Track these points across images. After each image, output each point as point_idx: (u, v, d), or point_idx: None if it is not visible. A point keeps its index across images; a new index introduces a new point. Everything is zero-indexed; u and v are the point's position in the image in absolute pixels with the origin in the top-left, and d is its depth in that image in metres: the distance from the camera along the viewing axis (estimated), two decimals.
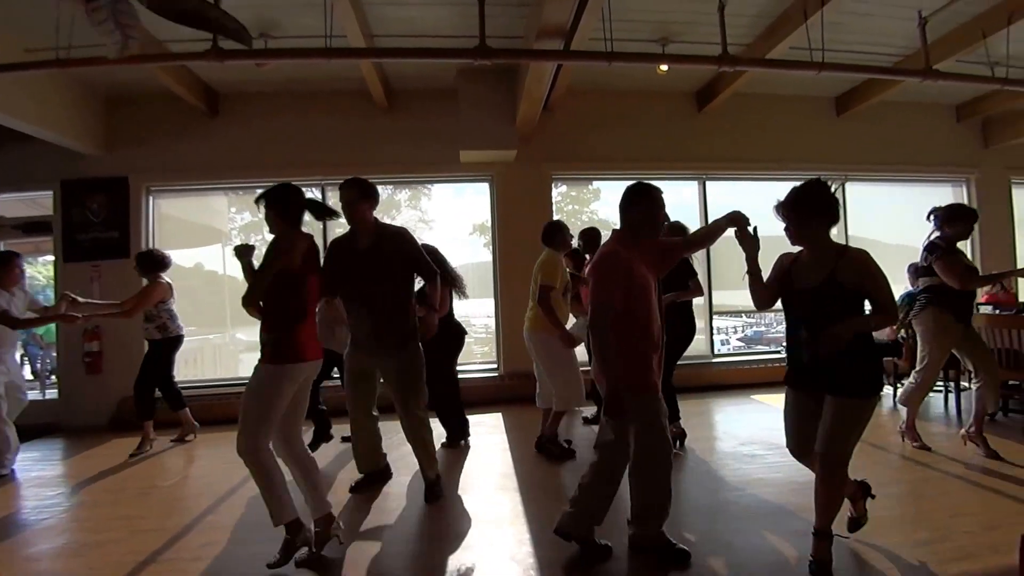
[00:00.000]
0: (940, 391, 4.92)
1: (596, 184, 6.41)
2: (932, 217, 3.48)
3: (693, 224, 3.99)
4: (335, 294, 2.86)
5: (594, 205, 6.60)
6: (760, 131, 6.09)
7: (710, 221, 2.32)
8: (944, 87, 4.79)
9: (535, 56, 3.89)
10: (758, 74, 4.67)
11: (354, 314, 2.89)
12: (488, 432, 4.45)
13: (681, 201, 6.04)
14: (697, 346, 5.89)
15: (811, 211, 2.05)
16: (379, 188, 3.02)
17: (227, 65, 3.59)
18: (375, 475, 3.24)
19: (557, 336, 3.52)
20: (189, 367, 5.53)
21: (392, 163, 5.49)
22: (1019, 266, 6.04)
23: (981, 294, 5.50)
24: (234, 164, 5.43)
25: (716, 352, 6.24)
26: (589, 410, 4.58)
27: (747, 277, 2.24)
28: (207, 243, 6.50)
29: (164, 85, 4.66)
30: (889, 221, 6.81)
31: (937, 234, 3.41)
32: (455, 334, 3.98)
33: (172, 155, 5.32)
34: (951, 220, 3.37)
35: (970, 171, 6.62)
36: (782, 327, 7.04)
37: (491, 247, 5.83)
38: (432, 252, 3.47)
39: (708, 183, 6.10)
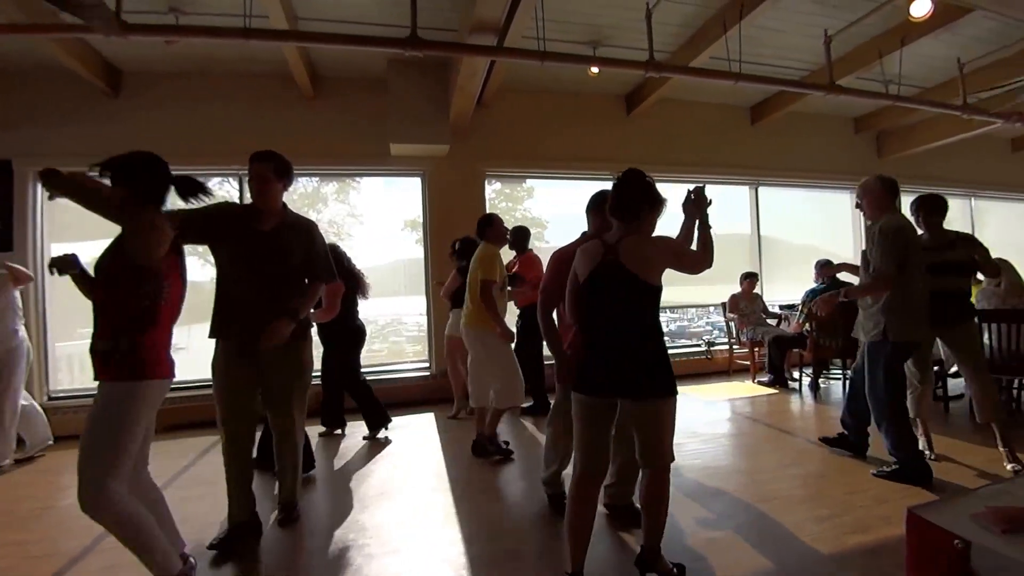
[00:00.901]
0: (839, 377, 5.39)
1: (530, 183, 6.44)
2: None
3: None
4: (187, 240, 2.16)
5: (528, 203, 6.62)
6: (684, 135, 6.37)
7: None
8: (845, 101, 5.24)
9: (468, 51, 3.86)
10: (682, 81, 4.88)
11: (233, 302, 2.41)
12: (420, 432, 4.37)
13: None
14: None
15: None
16: (305, 180, 2.84)
17: (132, 41, 3.28)
18: (243, 528, 2.46)
19: (497, 332, 3.48)
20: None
21: (318, 154, 5.23)
22: None
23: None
24: (139, 149, 4.94)
25: None
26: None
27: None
28: (109, 236, 5.90)
29: (56, 59, 4.18)
30: (797, 223, 7.37)
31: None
32: (352, 330, 4.08)
33: (66, 138, 4.74)
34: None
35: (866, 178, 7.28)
36: (703, 321, 7.46)
37: (423, 243, 5.71)
38: (332, 249, 3.24)
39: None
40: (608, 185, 2.16)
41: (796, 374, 5.58)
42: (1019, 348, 3.68)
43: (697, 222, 2.11)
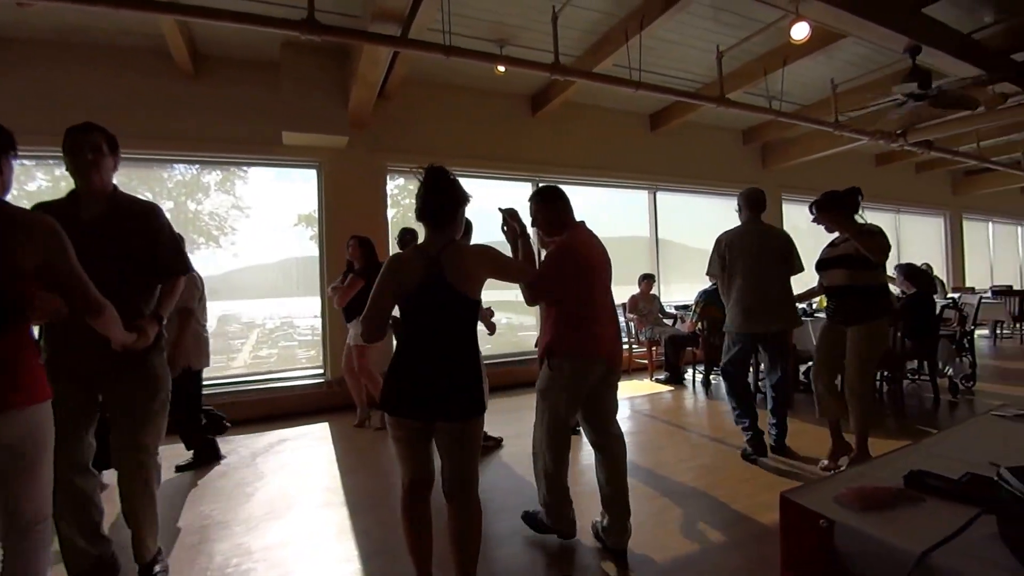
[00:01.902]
0: None
1: None
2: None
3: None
4: None
5: None
6: (587, 139, 6.52)
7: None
8: (734, 114, 5.60)
9: (369, 39, 3.63)
10: (586, 85, 4.96)
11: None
12: (313, 444, 4.06)
13: (515, 201, 6.17)
14: (516, 345, 6.17)
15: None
16: (183, 167, 2.40)
17: None
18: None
19: None
20: None
21: (199, 139, 4.70)
22: None
23: None
24: None
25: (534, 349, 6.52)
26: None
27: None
28: None
29: None
30: (692, 227, 7.81)
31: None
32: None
33: None
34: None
35: (750, 187, 7.87)
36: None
37: (318, 240, 5.30)
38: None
39: (540, 186, 6.33)
40: (514, 185, 2.14)
41: (689, 371, 5.88)
42: None
43: (519, 239, 2.20)
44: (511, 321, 6.70)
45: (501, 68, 4.29)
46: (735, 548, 2.30)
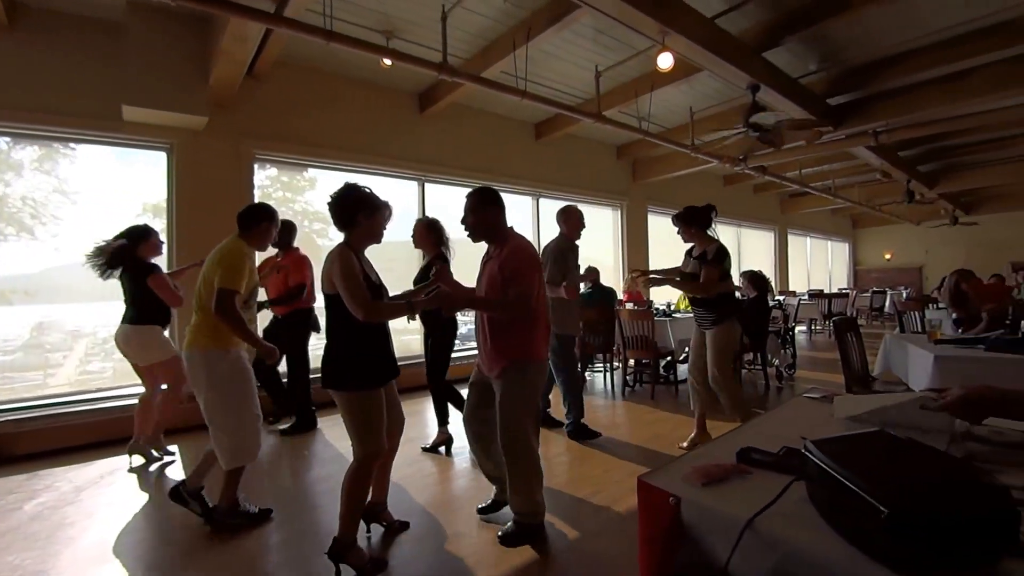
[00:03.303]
0: (600, 371, 6.18)
1: (312, 172, 5.86)
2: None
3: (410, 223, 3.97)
4: None
5: (309, 195, 5.94)
6: (474, 142, 6.59)
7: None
8: (610, 130, 6.04)
9: (237, 11, 3.26)
10: (475, 90, 5.02)
11: None
12: (156, 472, 3.47)
13: (402, 201, 6.07)
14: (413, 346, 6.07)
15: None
16: None
17: None
18: None
19: (241, 351, 2.61)
20: None
21: (10, 106, 3.90)
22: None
23: (623, 293, 7.14)
24: None
25: None
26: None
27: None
28: None
29: None
30: None
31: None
32: None
33: None
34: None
35: (623, 198, 8.56)
36: None
37: (167, 234, 4.59)
38: None
39: (427, 185, 6.30)
40: (399, 183, 2.16)
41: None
42: None
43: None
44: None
45: (387, 61, 4.18)
46: (601, 533, 2.48)
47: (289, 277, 4.16)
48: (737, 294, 5.39)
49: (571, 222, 4.04)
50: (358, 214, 2.13)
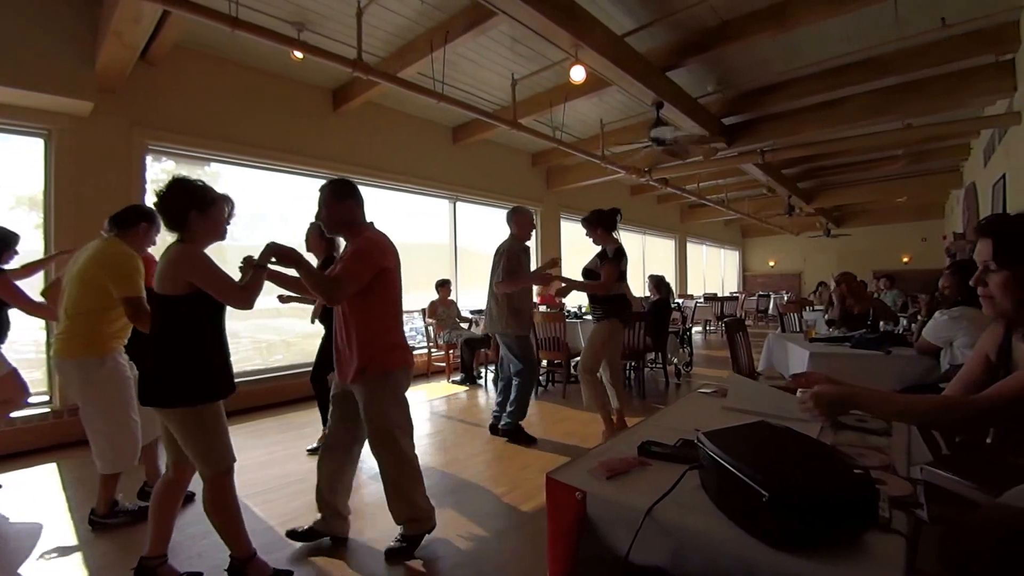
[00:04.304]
0: None
1: (215, 167, 5.45)
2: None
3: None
4: None
5: None
6: (390, 143, 6.45)
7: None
8: (526, 138, 6.17)
9: None
10: (391, 90, 4.92)
11: None
12: (34, 495, 3.08)
13: (314, 202, 5.76)
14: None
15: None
16: None
17: None
18: None
19: (118, 357, 2.52)
20: None
21: None
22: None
23: (536, 296, 7.32)
24: None
25: None
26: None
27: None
28: None
29: None
30: (488, 237, 8.32)
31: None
32: None
33: None
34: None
35: (538, 204, 8.78)
36: (408, 327, 7.69)
37: (43, 230, 4.14)
38: None
39: (334, 179, 6.05)
40: (310, 182, 2.04)
41: (483, 371, 6.28)
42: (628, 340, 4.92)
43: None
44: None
45: (298, 54, 4.00)
46: (515, 530, 2.53)
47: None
48: (642, 295, 5.74)
49: (522, 223, 3.99)
50: (189, 211, 1.93)
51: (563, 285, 3.82)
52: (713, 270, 16.73)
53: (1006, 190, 5.73)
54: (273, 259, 2.03)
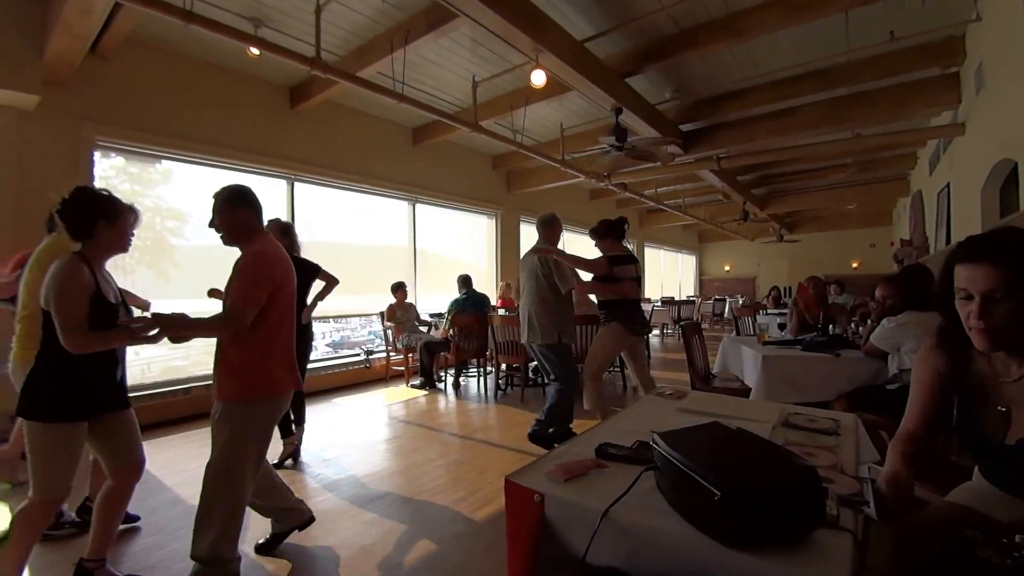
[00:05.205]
0: (475, 375, 6.26)
1: (166, 164, 5.18)
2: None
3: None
4: None
5: (161, 189, 5.22)
6: (348, 143, 6.32)
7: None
8: (486, 140, 6.16)
9: None
10: (351, 89, 4.83)
11: None
12: None
13: (270, 201, 5.59)
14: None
15: None
16: None
17: None
18: None
19: None
20: None
21: None
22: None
23: (496, 299, 7.33)
24: None
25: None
26: None
27: None
28: None
29: None
30: (448, 239, 8.28)
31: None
32: None
33: None
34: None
35: (499, 207, 8.79)
36: (366, 331, 7.55)
37: None
38: None
39: (297, 184, 5.91)
40: (267, 181, 1.94)
41: (443, 375, 6.22)
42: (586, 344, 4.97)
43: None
44: None
45: (254, 51, 3.88)
46: (474, 534, 2.52)
47: None
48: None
49: (554, 233, 3.85)
50: (97, 220, 1.85)
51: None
52: (670, 274, 17.18)
53: (950, 198, 6.06)
54: (156, 330, 1.83)
